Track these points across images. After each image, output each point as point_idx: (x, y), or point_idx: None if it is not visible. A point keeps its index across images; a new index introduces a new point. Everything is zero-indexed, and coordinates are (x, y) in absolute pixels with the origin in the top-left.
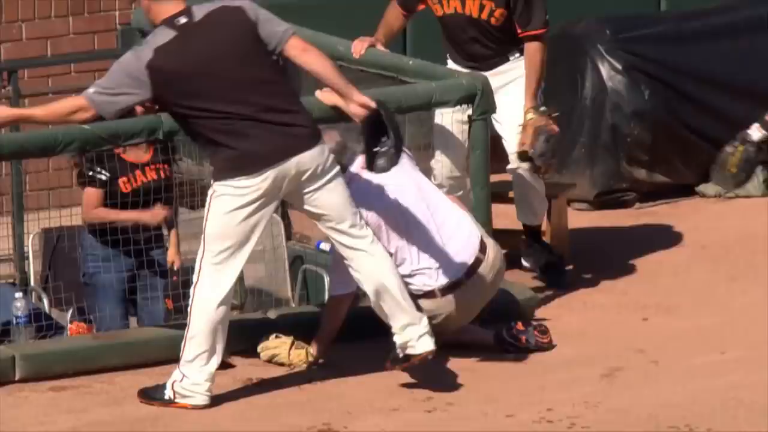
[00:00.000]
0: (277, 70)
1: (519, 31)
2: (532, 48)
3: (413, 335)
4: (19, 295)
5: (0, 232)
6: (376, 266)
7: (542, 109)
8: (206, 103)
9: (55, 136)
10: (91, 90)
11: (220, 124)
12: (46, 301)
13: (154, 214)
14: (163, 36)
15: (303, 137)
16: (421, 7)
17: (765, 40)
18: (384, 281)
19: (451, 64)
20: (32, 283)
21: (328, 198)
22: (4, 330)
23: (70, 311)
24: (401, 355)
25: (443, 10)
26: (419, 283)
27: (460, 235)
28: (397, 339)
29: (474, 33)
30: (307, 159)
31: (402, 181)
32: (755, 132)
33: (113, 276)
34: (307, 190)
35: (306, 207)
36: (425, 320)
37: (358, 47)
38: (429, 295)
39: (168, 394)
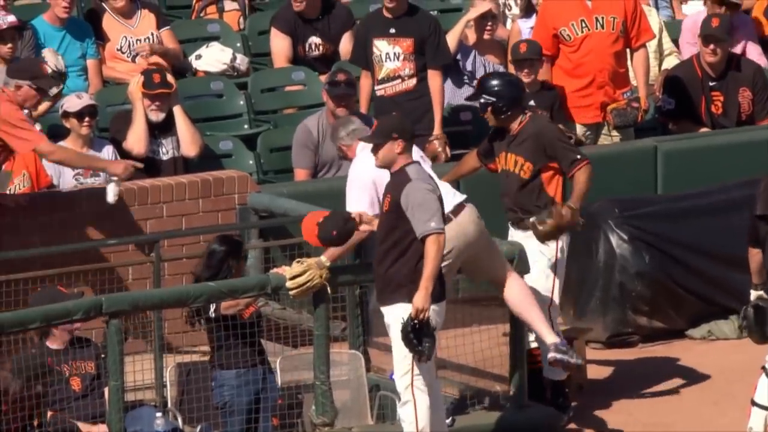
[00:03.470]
0: None
1: (569, 174)
2: (581, 171)
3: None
4: (159, 414)
5: (145, 366)
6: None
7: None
8: None
9: (187, 291)
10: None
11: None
12: (180, 419)
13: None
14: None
15: None
16: (493, 166)
17: (737, 217)
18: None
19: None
20: (170, 405)
21: None
22: None
23: (199, 427)
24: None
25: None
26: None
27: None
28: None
29: (507, 187)
30: None
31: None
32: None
33: (243, 399)
34: None
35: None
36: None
37: None
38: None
39: None
